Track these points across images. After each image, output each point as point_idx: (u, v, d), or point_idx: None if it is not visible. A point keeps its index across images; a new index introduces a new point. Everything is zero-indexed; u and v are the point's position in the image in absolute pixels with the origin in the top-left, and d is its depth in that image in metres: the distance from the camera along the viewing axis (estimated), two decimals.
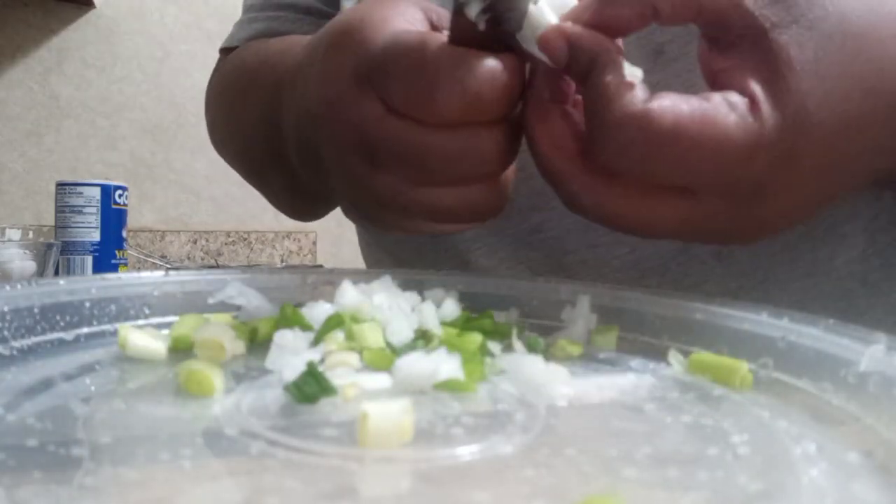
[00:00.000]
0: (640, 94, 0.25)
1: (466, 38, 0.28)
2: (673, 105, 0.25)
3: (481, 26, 0.27)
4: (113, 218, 0.96)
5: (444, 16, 0.32)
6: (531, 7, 0.27)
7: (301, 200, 0.51)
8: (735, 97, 0.25)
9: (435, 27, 0.32)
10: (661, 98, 0.25)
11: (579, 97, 0.29)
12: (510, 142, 0.29)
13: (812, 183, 0.27)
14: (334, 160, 0.31)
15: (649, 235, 0.29)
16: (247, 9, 0.60)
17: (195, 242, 1.70)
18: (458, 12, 0.27)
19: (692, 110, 0.25)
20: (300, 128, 0.34)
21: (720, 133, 0.25)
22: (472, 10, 0.27)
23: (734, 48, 0.26)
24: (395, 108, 0.28)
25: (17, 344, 0.26)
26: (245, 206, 1.72)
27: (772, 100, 0.25)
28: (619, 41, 0.28)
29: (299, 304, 0.30)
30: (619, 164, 0.26)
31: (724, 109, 0.25)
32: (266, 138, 0.43)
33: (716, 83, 0.27)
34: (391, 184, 0.29)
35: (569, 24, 0.27)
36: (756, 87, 0.25)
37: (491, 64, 0.27)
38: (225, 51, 0.60)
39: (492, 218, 0.32)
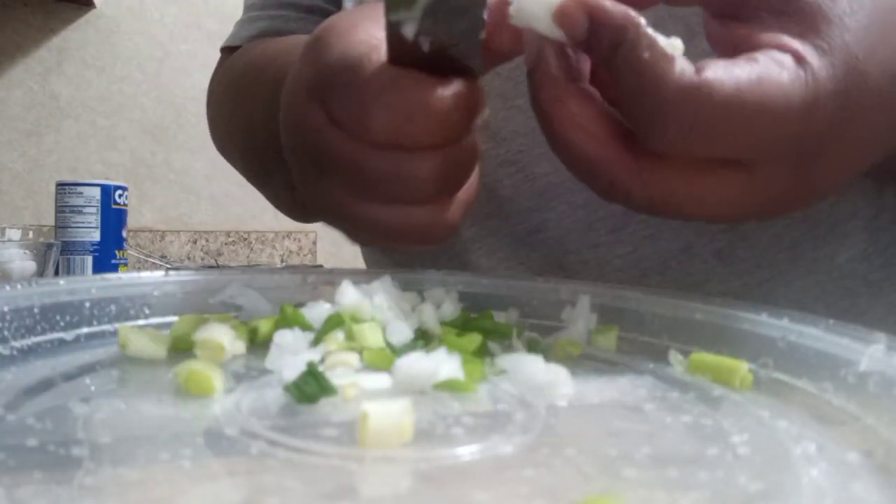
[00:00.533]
0: (686, 66, 0.23)
1: (411, 57, 0.25)
2: (727, 72, 0.23)
3: (425, 48, 0.25)
4: (113, 218, 0.96)
5: None
6: None
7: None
8: (778, 55, 0.24)
9: None
10: (711, 67, 0.23)
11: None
12: (453, 168, 0.27)
13: (865, 138, 0.26)
14: (292, 164, 0.31)
15: (700, 217, 0.27)
16: (248, 7, 0.60)
17: (195, 242, 1.70)
18: (391, 32, 0.25)
19: (749, 74, 0.23)
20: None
21: (780, 92, 0.23)
22: (409, 31, 0.24)
23: (754, 17, 0.25)
24: (334, 120, 0.27)
25: (17, 344, 0.26)
26: (245, 206, 1.72)
27: (818, 52, 0.24)
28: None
29: (299, 304, 0.30)
30: (682, 144, 0.24)
31: (776, 68, 0.24)
32: (267, 137, 0.43)
33: (741, 51, 0.25)
34: (336, 194, 0.29)
35: None
36: (796, 43, 0.24)
37: (426, 89, 0.25)
38: (226, 50, 0.60)
39: (438, 243, 0.30)
